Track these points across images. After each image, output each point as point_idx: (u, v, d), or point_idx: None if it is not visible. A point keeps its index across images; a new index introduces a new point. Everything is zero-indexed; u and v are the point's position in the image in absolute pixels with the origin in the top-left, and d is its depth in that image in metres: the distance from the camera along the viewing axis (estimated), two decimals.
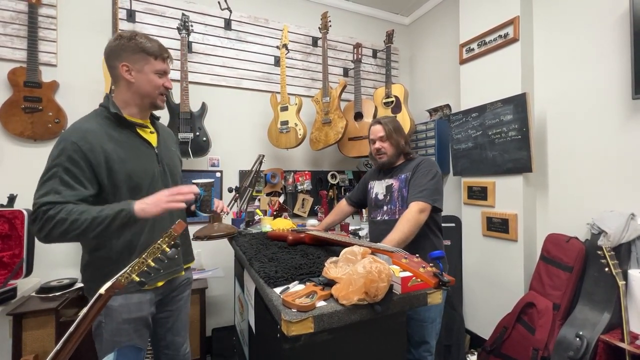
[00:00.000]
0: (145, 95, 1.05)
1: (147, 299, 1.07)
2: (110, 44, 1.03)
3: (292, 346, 0.78)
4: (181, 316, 1.25)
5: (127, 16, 2.09)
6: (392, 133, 1.49)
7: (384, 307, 0.79)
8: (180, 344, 1.25)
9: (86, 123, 1.00)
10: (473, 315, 2.28)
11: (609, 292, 1.49)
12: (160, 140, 1.15)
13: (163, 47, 1.07)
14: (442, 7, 2.74)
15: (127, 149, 1.02)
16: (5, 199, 1.73)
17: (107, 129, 1.00)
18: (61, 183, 0.90)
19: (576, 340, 1.46)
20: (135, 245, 1.03)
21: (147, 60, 1.03)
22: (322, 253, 1.24)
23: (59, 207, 0.87)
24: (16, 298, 1.56)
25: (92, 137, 0.95)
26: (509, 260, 2.02)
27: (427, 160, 1.48)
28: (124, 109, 1.05)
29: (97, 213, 0.89)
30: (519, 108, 1.89)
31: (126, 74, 1.01)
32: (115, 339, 1.03)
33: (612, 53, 1.64)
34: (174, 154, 1.22)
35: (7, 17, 1.84)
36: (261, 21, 2.52)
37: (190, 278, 1.29)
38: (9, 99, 1.78)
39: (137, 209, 0.91)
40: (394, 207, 1.47)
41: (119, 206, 0.91)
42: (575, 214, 1.79)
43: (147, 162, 1.06)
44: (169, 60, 1.10)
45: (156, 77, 1.05)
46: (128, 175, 0.99)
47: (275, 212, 2.30)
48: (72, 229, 0.86)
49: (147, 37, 1.05)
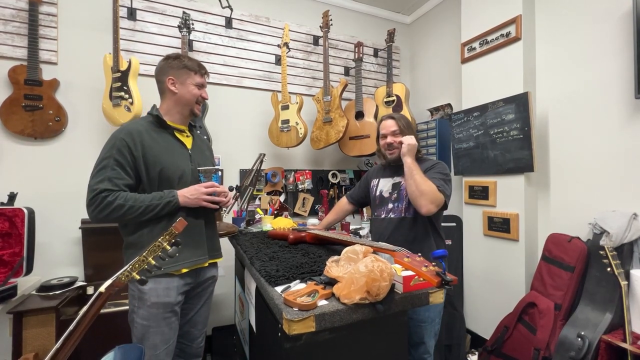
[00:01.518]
0: (185, 103, 1.24)
1: (175, 286, 1.14)
2: (160, 64, 1.23)
3: (293, 345, 0.77)
4: (201, 311, 1.32)
5: (127, 14, 2.09)
6: (405, 129, 1.48)
7: (385, 306, 0.79)
8: (196, 337, 1.32)
9: (133, 124, 1.18)
10: (474, 315, 2.28)
11: (611, 292, 1.49)
12: (194, 144, 1.30)
13: (201, 65, 1.28)
14: (444, 6, 2.74)
15: (163, 147, 1.17)
16: (6, 197, 1.73)
17: (150, 130, 1.18)
18: (113, 172, 1.08)
19: (578, 341, 1.46)
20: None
21: (188, 75, 1.22)
22: (324, 252, 1.23)
23: (116, 194, 1.05)
24: (16, 296, 1.56)
25: (136, 134, 1.13)
26: (510, 260, 2.01)
27: (441, 163, 1.46)
28: (166, 116, 1.23)
29: (150, 201, 1.08)
30: (521, 107, 1.88)
31: (171, 86, 1.21)
32: (145, 322, 1.10)
33: (615, 52, 1.63)
34: (206, 157, 1.36)
35: (8, 14, 1.84)
36: (262, 20, 2.51)
37: (215, 276, 1.36)
38: (9, 97, 1.78)
39: (181, 200, 1.12)
40: (401, 205, 1.44)
41: (167, 197, 1.10)
42: (577, 214, 1.78)
43: (180, 160, 1.20)
44: (207, 75, 1.30)
45: (195, 88, 1.24)
46: (161, 168, 1.14)
47: (276, 211, 2.30)
48: (129, 213, 1.06)
49: (189, 57, 1.27)
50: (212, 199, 1.16)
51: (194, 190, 1.14)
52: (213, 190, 1.16)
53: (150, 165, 1.13)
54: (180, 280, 1.16)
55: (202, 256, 1.23)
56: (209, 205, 1.17)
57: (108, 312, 1.62)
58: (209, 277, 1.31)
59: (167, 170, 1.15)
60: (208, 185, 1.16)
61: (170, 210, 1.11)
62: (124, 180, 1.09)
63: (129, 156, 1.10)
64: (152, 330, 1.10)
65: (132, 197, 1.07)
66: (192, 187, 1.15)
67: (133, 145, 1.10)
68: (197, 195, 1.14)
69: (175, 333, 1.17)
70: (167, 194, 1.11)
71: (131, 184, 1.11)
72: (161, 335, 1.11)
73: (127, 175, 1.10)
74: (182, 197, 1.12)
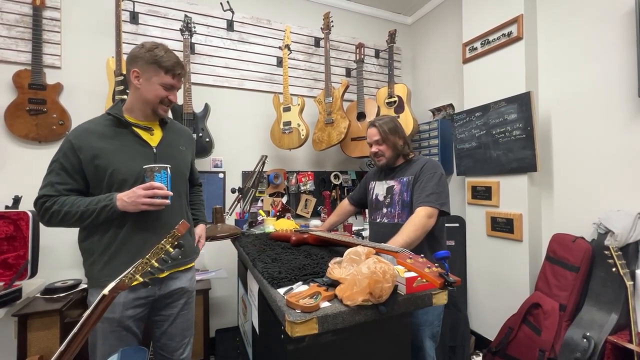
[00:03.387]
0: (146, 102, 1.12)
1: (121, 302, 1.05)
2: (132, 51, 1.10)
3: (296, 347, 0.77)
4: (176, 323, 1.23)
5: (130, 18, 2.10)
6: (388, 135, 1.45)
7: (388, 307, 0.78)
8: (174, 349, 1.24)
9: (86, 124, 1.10)
10: (478, 316, 2.26)
11: (616, 292, 1.47)
12: (164, 140, 1.18)
13: (179, 64, 1.12)
14: (445, 7, 2.73)
15: (118, 147, 1.08)
16: (10, 200, 1.74)
17: (105, 128, 1.09)
18: (57, 177, 1.03)
19: (583, 342, 1.45)
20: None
21: (156, 72, 1.09)
22: (326, 253, 1.23)
23: (53, 200, 1.01)
24: (21, 299, 1.56)
25: (86, 136, 1.05)
26: (514, 260, 2.00)
27: (430, 161, 1.44)
28: (130, 111, 1.14)
29: (86, 207, 1.00)
30: (523, 107, 1.87)
31: (135, 79, 1.09)
32: (93, 332, 1.05)
33: (617, 51, 1.62)
34: (181, 153, 1.24)
35: (12, 20, 1.86)
36: (263, 22, 2.52)
37: (185, 287, 1.24)
38: (14, 101, 1.80)
39: (119, 205, 1.01)
40: (394, 210, 1.45)
41: (104, 201, 1.01)
42: (581, 214, 1.77)
43: (137, 160, 1.09)
44: (182, 77, 1.16)
45: (161, 88, 1.11)
46: (112, 170, 1.05)
47: (278, 213, 2.30)
48: (67, 219, 1.01)
49: (167, 51, 1.11)
50: (151, 201, 1.01)
51: (132, 193, 1.01)
52: (153, 192, 1.01)
53: (100, 168, 1.04)
54: (129, 295, 1.07)
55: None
56: (150, 208, 1.02)
57: None
58: (176, 290, 1.20)
59: (119, 172, 1.05)
60: (146, 187, 1.01)
61: (108, 215, 1.01)
62: (67, 185, 1.03)
63: (74, 159, 1.03)
64: (100, 343, 1.06)
65: (69, 202, 1.00)
66: (131, 190, 1.02)
67: (79, 148, 1.03)
68: (135, 198, 1.00)
69: (130, 345, 1.09)
70: (103, 199, 1.01)
71: (77, 188, 1.05)
72: (110, 347, 1.05)
73: (71, 179, 1.04)
74: (120, 200, 1.01)
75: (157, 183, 1.03)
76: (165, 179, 1.06)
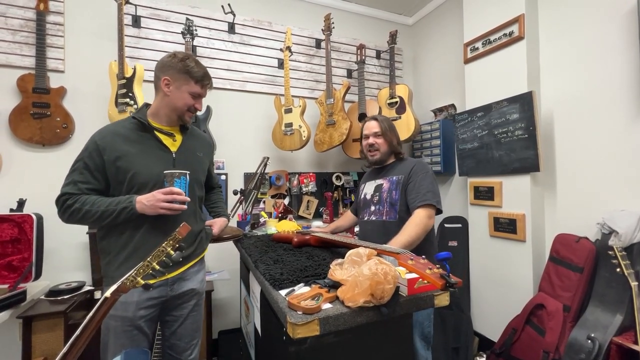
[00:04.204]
0: (174, 108, 1.16)
1: (134, 300, 1.08)
2: (163, 59, 1.15)
3: (298, 349, 0.77)
4: (186, 324, 1.25)
5: (132, 22, 2.12)
6: (387, 131, 1.50)
7: (390, 309, 0.78)
8: (183, 349, 1.25)
9: (112, 126, 1.15)
10: (481, 317, 2.25)
11: (621, 293, 1.46)
12: (183, 146, 1.22)
13: (207, 76, 1.19)
14: (446, 7, 2.73)
15: (140, 150, 1.11)
16: (15, 203, 1.76)
17: (129, 132, 1.12)
18: (80, 175, 1.06)
19: (588, 343, 1.43)
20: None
21: (187, 81, 1.14)
22: (328, 255, 1.23)
23: (75, 198, 1.04)
24: (26, 301, 1.58)
25: (111, 137, 1.09)
26: (517, 261, 1.99)
27: (420, 161, 1.47)
28: (155, 116, 1.17)
29: (106, 207, 1.03)
30: (525, 107, 1.87)
31: (165, 86, 1.13)
32: (106, 331, 1.08)
33: (620, 50, 1.61)
34: (199, 159, 1.28)
35: (17, 25, 1.88)
36: (264, 24, 2.53)
37: (196, 289, 1.26)
38: (18, 105, 1.81)
39: (138, 207, 1.04)
40: (382, 208, 1.46)
41: (123, 203, 1.04)
42: (585, 214, 1.76)
43: (157, 165, 1.12)
44: (209, 87, 1.22)
45: (190, 97, 1.16)
46: (133, 173, 1.08)
47: (280, 214, 2.30)
48: (87, 217, 1.03)
49: (198, 62, 1.17)
50: (170, 206, 1.05)
51: (151, 197, 1.04)
52: (172, 197, 1.05)
53: (122, 170, 1.07)
54: (142, 294, 1.09)
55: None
56: (167, 212, 1.06)
57: None
58: (187, 291, 1.22)
59: (140, 175, 1.08)
60: (166, 191, 1.05)
61: (126, 217, 1.04)
62: (90, 185, 1.06)
63: (98, 159, 1.06)
64: (112, 341, 1.07)
65: (90, 201, 1.03)
66: (150, 193, 1.06)
67: (104, 149, 1.06)
68: (154, 202, 1.03)
69: (139, 346, 1.11)
70: (123, 200, 1.05)
71: (98, 188, 1.08)
72: (121, 347, 1.07)
73: (94, 179, 1.07)
74: (140, 203, 1.04)
75: (176, 188, 1.06)
76: (184, 185, 1.10)
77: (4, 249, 1.66)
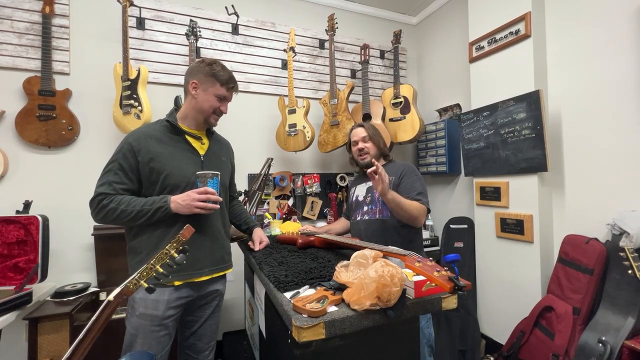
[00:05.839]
0: (200, 111, 1.21)
1: (165, 299, 1.10)
2: (192, 65, 1.23)
3: (303, 352, 0.76)
4: (207, 324, 1.28)
5: (136, 24, 2.13)
6: (374, 135, 1.60)
7: (397, 312, 0.77)
8: (202, 350, 1.27)
9: (144, 128, 1.19)
10: (488, 320, 2.22)
11: (632, 295, 1.43)
12: (210, 150, 1.28)
13: (232, 79, 1.26)
14: (450, 6, 2.71)
15: (172, 152, 1.16)
16: (21, 205, 1.77)
17: (161, 134, 1.17)
18: (115, 176, 1.09)
19: (599, 346, 1.40)
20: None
21: (213, 84, 1.20)
22: (333, 257, 1.22)
23: (111, 198, 1.06)
24: (32, 302, 1.58)
25: (144, 139, 1.13)
26: (524, 262, 1.96)
27: (409, 165, 1.56)
28: (183, 119, 1.23)
29: (142, 207, 1.06)
30: (532, 106, 1.84)
31: (193, 89, 1.19)
32: (133, 332, 1.09)
33: (628, 48, 1.58)
34: (223, 164, 1.33)
35: (22, 28, 1.89)
36: (268, 25, 2.53)
37: (220, 290, 1.31)
38: (24, 108, 1.83)
39: (173, 207, 1.08)
40: (375, 207, 1.51)
41: (158, 202, 1.07)
42: (594, 214, 1.72)
43: (188, 167, 1.17)
44: (234, 90, 1.29)
45: (215, 99, 1.22)
46: (166, 174, 1.12)
47: (284, 216, 2.29)
48: (122, 217, 1.06)
49: (224, 67, 1.24)
50: (204, 205, 1.09)
51: (186, 196, 1.09)
52: (206, 197, 1.09)
53: (155, 171, 1.11)
54: (173, 293, 1.12)
55: (200, 269, 1.18)
56: (202, 212, 1.10)
57: (120, 317, 1.63)
58: (212, 291, 1.26)
59: (172, 176, 1.13)
60: (201, 191, 1.10)
61: (161, 216, 1.08)
62: (124, 185, 1.09)
63: (133, 160, 1.10)
64: (139, 342, 1.08)
65: (125, 201, 1.06)
66: (185, 193, 1.10)
67: (138, 150, 1.10)
68: (189, 201, 1.08)
69: (164, 348, 1.13)
70: (158, 200, 1.08)
71: (132, 189, 1.11)
72: (147, 347, 1.08)
73: (128, 179, 1.10)
74: (175, 203, 1.08)
75: (210, 188, 1.11)
76: (216, 185, 1.14)
77: (10, 251, 1.67)
